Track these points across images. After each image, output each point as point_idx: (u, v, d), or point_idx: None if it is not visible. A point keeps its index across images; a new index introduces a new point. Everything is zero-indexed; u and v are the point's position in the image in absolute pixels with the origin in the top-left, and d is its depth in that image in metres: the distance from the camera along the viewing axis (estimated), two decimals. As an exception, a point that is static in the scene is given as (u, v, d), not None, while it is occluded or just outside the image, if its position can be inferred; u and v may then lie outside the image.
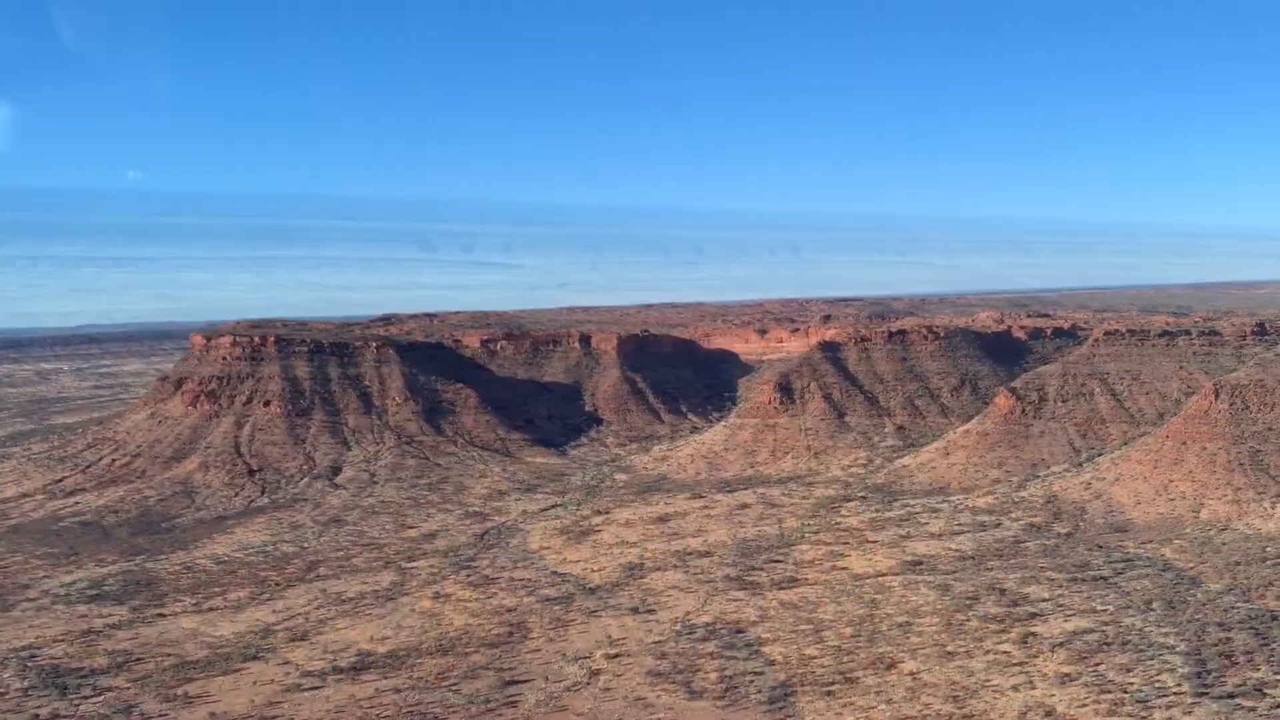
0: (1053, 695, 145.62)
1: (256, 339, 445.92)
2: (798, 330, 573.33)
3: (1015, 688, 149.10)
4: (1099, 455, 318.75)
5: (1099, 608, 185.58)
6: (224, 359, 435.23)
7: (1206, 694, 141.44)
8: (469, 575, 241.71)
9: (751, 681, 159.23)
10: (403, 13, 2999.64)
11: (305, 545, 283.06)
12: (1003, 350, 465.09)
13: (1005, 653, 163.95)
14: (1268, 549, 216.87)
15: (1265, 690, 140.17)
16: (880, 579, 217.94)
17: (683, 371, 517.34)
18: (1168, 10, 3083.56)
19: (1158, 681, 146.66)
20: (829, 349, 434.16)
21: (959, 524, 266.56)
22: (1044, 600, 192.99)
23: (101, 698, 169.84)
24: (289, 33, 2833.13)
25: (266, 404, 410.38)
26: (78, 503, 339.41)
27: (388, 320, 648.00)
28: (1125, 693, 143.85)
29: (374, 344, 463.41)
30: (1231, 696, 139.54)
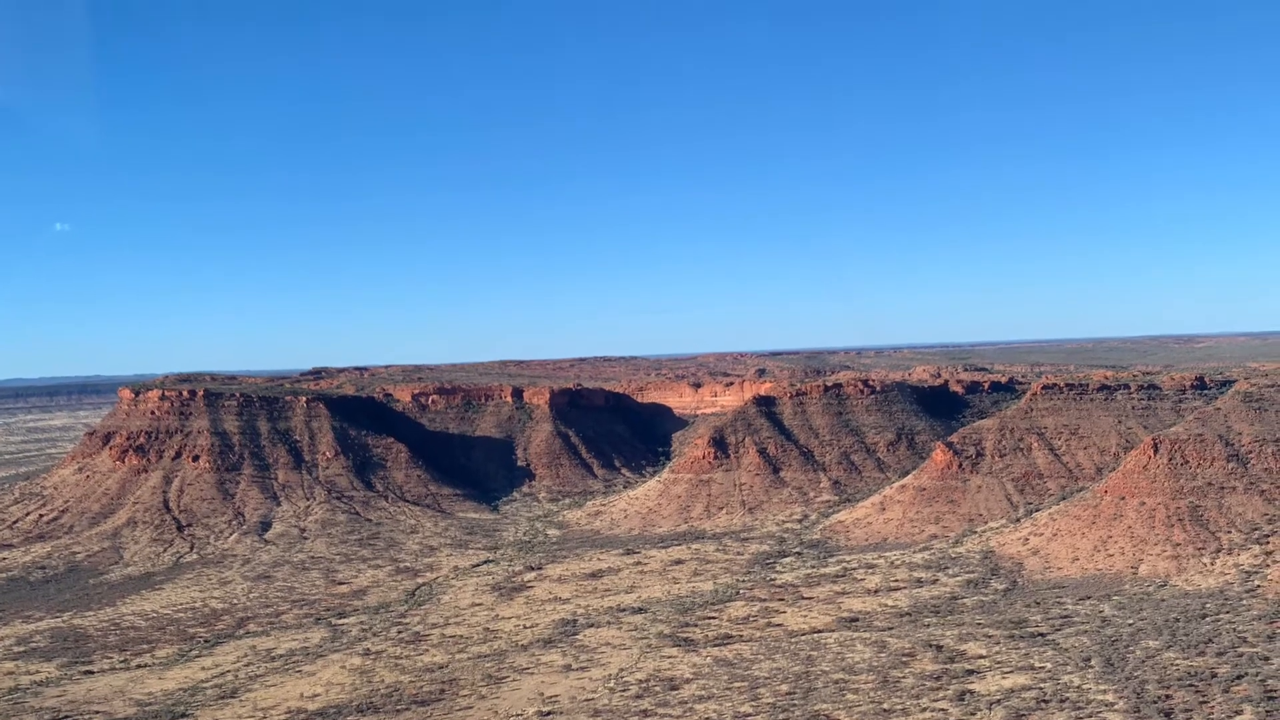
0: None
1: (185, 392, 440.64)
2: (732, 384, 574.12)
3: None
4: (1037, 510, 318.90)
5: (1037, 665, 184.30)
6: (152, 413, 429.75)
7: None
8: (400, 632, 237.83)
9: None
10: (334, 80, 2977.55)
11: (234, 601, 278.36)
12: (939, 404, 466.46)
13: (942, 710, 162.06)
14: (1207, 605, 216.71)
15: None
16: (816, 635, 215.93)
17: (616, 426, 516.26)
18: (1110, 67, 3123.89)
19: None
20: (764, 403, 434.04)
21: (895, 580, 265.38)
22: (981, 657, 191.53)
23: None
24: (223, 83, 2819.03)
25: (195, 458, 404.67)
26: (4, 558, 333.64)
27: (318, 374, 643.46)
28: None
29: (304, 398, 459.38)
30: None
